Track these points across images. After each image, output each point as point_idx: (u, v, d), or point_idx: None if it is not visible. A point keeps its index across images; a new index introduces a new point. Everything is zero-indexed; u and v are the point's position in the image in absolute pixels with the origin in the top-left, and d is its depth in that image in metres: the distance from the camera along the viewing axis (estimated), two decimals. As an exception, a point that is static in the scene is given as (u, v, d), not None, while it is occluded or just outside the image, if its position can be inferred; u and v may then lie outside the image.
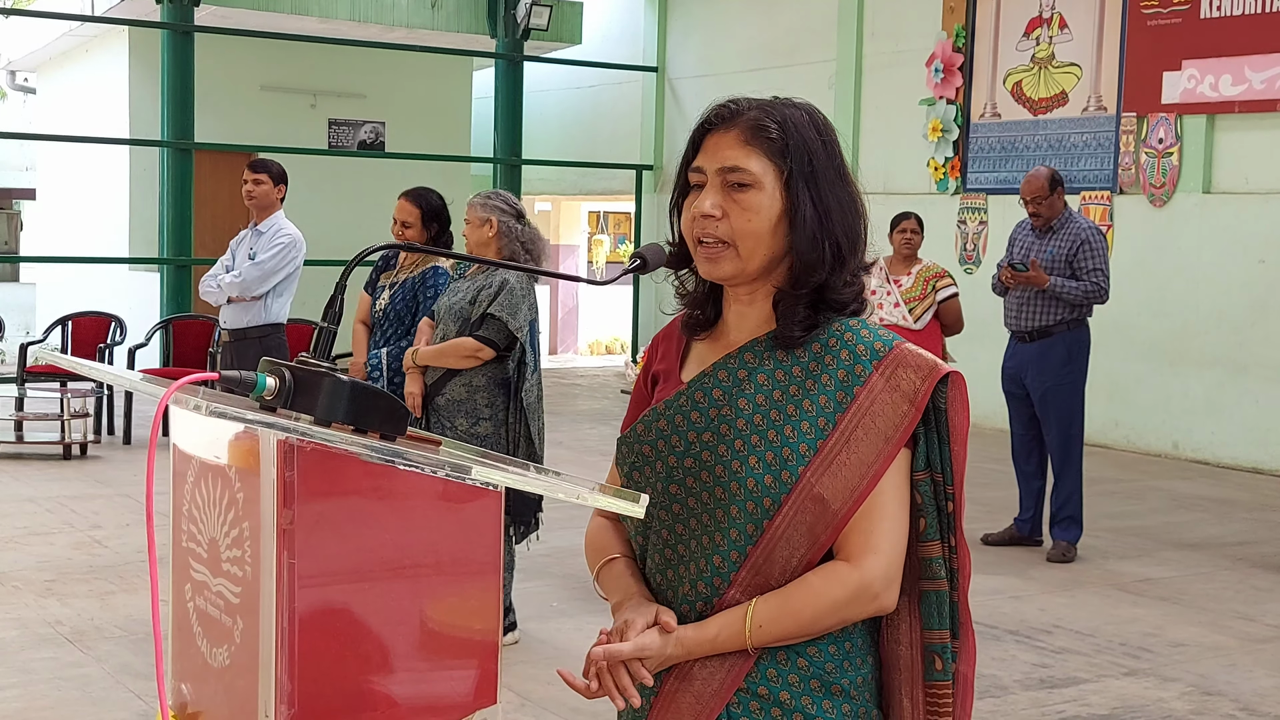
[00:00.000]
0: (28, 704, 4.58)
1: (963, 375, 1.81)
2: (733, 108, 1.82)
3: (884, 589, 1.76)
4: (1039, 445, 7.00)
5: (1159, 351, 10.17)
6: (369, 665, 1.60)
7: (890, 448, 1.76)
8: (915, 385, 1.76)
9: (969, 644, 1.83)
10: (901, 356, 1.78)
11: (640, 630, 1.78)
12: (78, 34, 14.78)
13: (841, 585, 1.75)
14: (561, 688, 4.54)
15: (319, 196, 13.29)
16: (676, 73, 15.27)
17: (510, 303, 5.06)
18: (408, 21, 14.03)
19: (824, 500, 1.75)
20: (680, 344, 1.94)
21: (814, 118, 1.82)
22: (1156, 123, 10.18)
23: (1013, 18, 11.34)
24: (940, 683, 1.80)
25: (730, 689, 1.78)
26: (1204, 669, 5.21)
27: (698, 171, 1.82)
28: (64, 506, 7.60)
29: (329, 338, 1.69)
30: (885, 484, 1.76)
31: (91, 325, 10.71)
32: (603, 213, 26.98)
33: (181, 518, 1.81)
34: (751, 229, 1.77)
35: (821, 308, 1.80)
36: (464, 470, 1.55)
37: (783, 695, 1.77)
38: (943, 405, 1.77)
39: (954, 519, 1.79)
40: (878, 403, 1.76)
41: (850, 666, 1.80)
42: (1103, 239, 6.84)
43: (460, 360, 5.09)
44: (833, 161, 1.81)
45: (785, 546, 1.76)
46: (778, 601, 1.76)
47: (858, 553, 1.75)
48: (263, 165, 6.63)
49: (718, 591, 1.79)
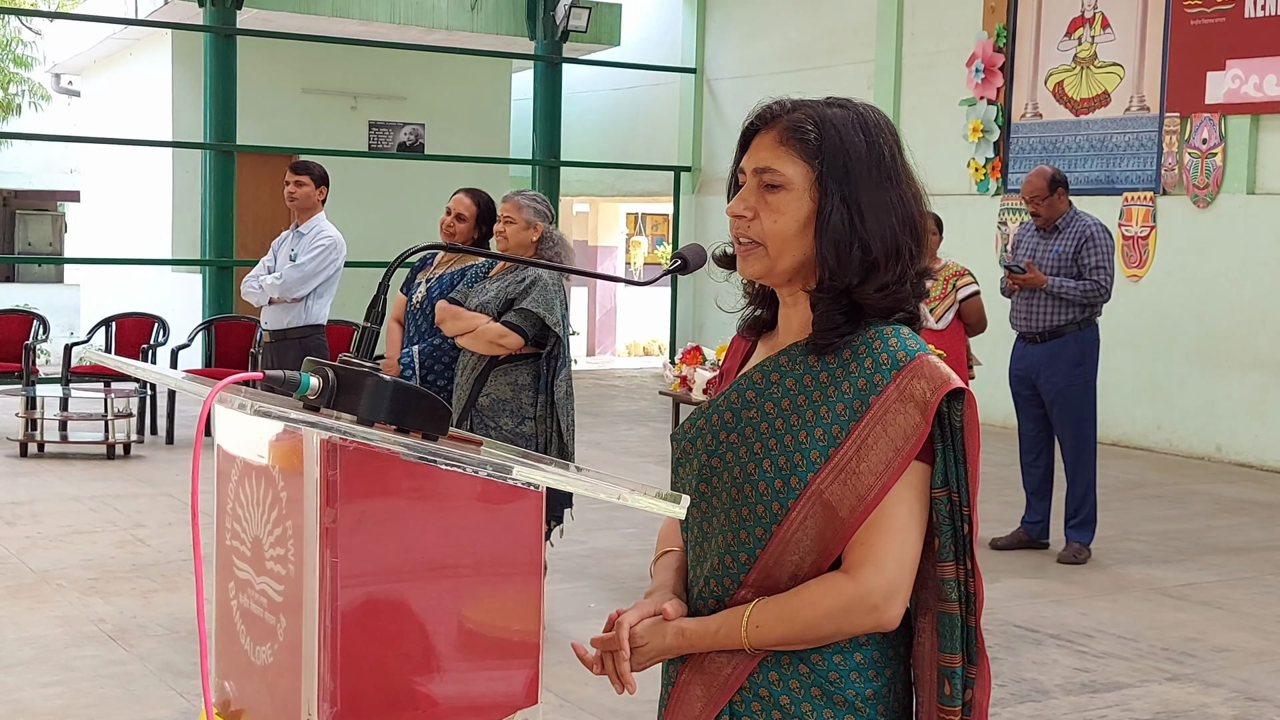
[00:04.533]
0: (70, 701, 4.62)
1: (974, 395, 1.78)
2: (775, 109, 1.82)
3: (883, 602, 1.73)
4: (1048, 447, 6.94)
5: (1202, 354, 10.07)
6: (410, 665, 1.61)
7: (900, 459, 1.73)
8: (925, 395, 1.73)
9: (984, 671, 1.80)
10: (918, 367, 1.75)
11: (640, 615, 1.83)
12: (121, 37, 14.91)
13: (837, 595, 1.73)
14: (600, 689, 4.55)
15: (359, 198, 13.35)
16: (715, 74, 15.25)
17: (545, 298, 5.06)
18: (447, 24, 14.08)
19: (833, 507, 1.74)
20: (747, 344, 1.96)
21: (864, 119, 1.80)
22: (1200, 123, 10.08)
23: (1054, 17, 11.26)
24: (949, 708, 1.78)
25: (734, 685, 1.80)
26: (1248, 674, 5.15)
27: (743, 173, 1.83)
28: (107, 505, 7.67)
29: (372, 338, 1.70)
30: (895, 496, 1.73)
31: (135, 326, 10.80)
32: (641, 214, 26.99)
33: (225, 516, 1.82)
34: (778, 230, 1.78)
35: (860, 314, 1.78)
36: (505, 470, 1.56)
37: (783, 699, 1.78)
38: (959, 424, 1.75)
39: (969, 541, 1.77)
40: (890, 411, 1.74)
41: (860, 679, 1.78)
42: (1108, 236, 6.78)
43: (484, 345, 5.06)
44: (877, 164, 1.78)
45: (794, 551, 1.76)
46: (776, 605, 1.76)
47: (858, 564, 1.74)
48: (304, 167, 6.67)
49: (729, 591, 1.81)
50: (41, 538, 6.87)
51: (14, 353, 10.25)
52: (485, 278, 5.33)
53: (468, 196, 5.77)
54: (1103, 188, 10.74)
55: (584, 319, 19.06)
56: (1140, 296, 10.31)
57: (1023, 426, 6.98)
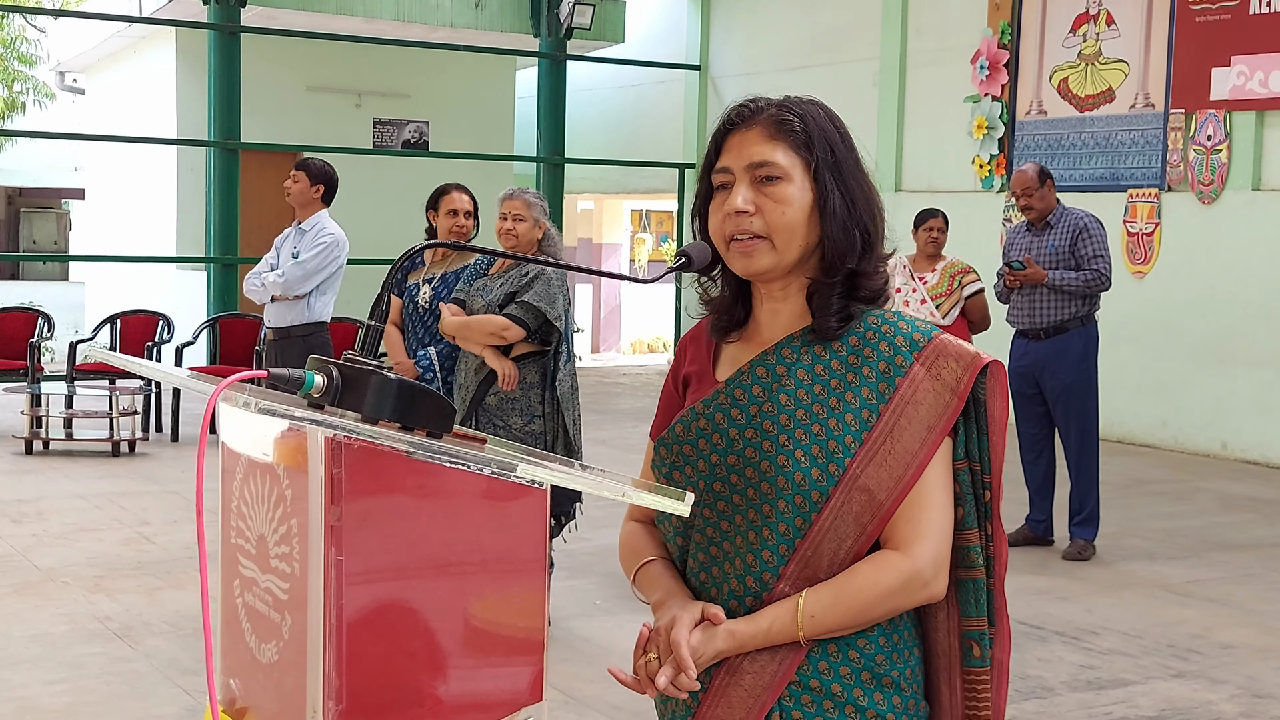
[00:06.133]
0: (77, 698, 4.63)
1: (1002, 365, 1.83)
2: (752, 106, 1.85)
3: (934, 576, 1.77)
4: (1049, 445, 6.93)
5: (1208, 350, 10.06)
6: (416, 662, 1.61)
7: (934, 437, 1.77)
8: (958, 375, 1.78)
9: (1004, 631, 1.85)
10: (942, 347, 1.80)
11: (689, 627, 1.77)
12: (125, 35, 14.93)
13: (894, 573, 1.75)
14: (605, 686, 4.56)
15: (363, 196, 13.36)
16: (719, 71, 15.24)
17: (547, 292, 5.07)
18: (451, 21, 14.08)
19: (870, 491, 1.76)
20: (710, 346, 1.95)
21: (828, 112, 1.86)
22: (1205, 119, 10.07)
23: (1059, 14, 11.25)
24: (978, 669, 1.83)
25: (782, 682, 1.78)
26: (1253, 671, 5.15)
27: (723, 172, 1.84)
28: (113, 503, 7.68)
29: (376, 335, 1.70)
30: (930, 473, 1.77)
31: (139, 324, 10.81)
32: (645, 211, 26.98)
33: (230, 514, 1.82)
34: (786, 221, 1.79)
35: (853, 299, 1.82)
36: (509, 467, 1.56)
37: (834, 688, 1.78)
38: (982, 396, 1.79)
39: (991, 508, 1.82)
40: (920, 392, 1.78)
41: (900, 658, 1.81)
42: (1101, 227, 6.78)
43: (485, 337, 5.08)
44: (851, 153, 1.84)
45: (833, 538, 1.77)
46: (829, 592, 1.76)
47: (907, 541, 1.76)
48: (302, 164, 6.70)
49: (766, 586, 1.79)
50: (47, 535, 6.88)
51: (19, 350, 10.26)
52: (485, 275, 5.32)
53: (463, 193, 5.80)
54: (1107, 184, 10.73)
55: (589, 316, 19.06)
56: (1145, 293, 10.30)
57: (1023, 426, 6.95)
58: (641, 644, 1.80)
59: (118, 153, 15.69)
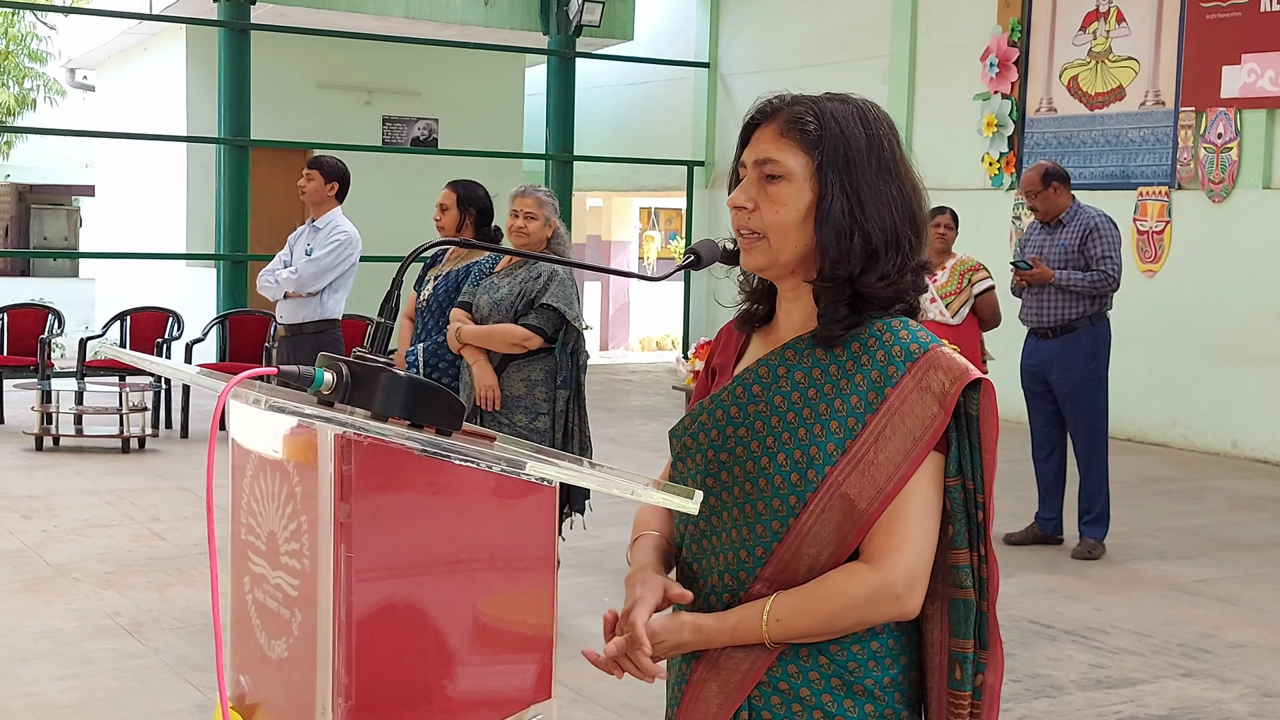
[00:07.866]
0: (87, 694, 4.64)
1: (993, 384, 1.79)
2: (775, 102, 1.84)
3: (905, 591, 1.74)
4: (1060, 443, 6.92)
5: (1217, 349, 10.03)
6: (425, 659, 1.61)
7: (919, 449, 1.74)
8: (944, 387, 1.75)
9: (997, 656, 1.81)
10: (935, 359, 1.77)
11: (649, 609, 1.78)
12: (136, 32, 14.96)
13: (863, 584, 1.74)
14: (613, 683, 4.56)
15: (373, 193, 13.36)
16: (728, 68, 15.23)
17: (565, 294, 5.09)
18: (461, 19, 14.09)
19: (851, 499, 1.74)
20: (739, 338, 1.95)
21: (864, 113, 1.81)
22: (1215, 117, 10.04)
23: (1069, 12, 11.22)
24: (958, 692, 1.79)
25: (752, 681, 1.79)
26: (1263, 670, 5.14)
27: (741, 166, 1.85)
28: (123, 499, 7.70)
29: (386, 333, 1.71)
30: (913, 486, 1.74)
31: (149, 320, 10.83)
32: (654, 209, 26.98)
33: (240, 511, 1.82)
34: (779, 220, 1.79)
35: (863, 306, 1.79)
36: (519, 465, 1.56)
37: (803, 691, 1.78)
38: (974, 412, 1.76)
39: (984, 528, 1.78)
40: (907, 403, 1.75)
41: (877, 667, 1.79)
42: (1113, 226, 6.76)
43: (505, 346, 5.11)
44: (877, 155, 1.79)
45: (812, 544, 1.76)
46: (797, 598, 1.76)
47: (881, 553, 1.74)
48: (316, 162, 6.72)
49: (744, 585, 1.80)
50: (57, 531, 6.90)
51: (29, 347, 10.29)
52: (492, 273, 5.33)
53: (448, 187, 5.81)
54: (1118, 182, 10.71)
55: (597, 314, 19.06)
56: (1156, 291, 10.28)
57: (1034, 423, 6.96)
58: (609, 627, 1.82)
59: (128, 150, 15.72)
